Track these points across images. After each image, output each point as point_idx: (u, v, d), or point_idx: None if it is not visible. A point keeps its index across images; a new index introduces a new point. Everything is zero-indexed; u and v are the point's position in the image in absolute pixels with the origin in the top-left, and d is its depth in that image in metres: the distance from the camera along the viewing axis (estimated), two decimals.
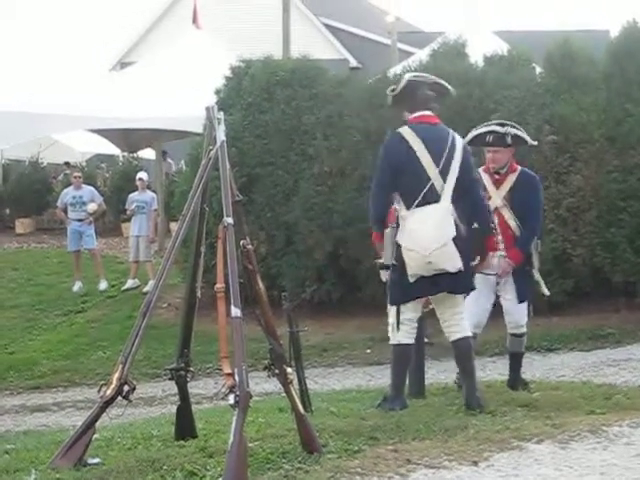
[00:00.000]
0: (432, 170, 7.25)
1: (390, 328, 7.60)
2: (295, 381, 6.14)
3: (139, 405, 11.11)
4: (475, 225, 7.53)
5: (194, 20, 24.48)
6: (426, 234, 7.16)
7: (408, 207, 7.25)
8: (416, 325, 7.58)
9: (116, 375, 5.68)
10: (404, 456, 5.73)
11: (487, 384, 8.87)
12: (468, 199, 7.43)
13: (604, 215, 14.29)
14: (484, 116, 14.49)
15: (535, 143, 8.94)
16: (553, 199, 13.89)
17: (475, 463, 5.66)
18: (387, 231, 7.38)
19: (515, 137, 8.44)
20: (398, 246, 7.30)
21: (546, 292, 8.74)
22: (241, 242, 5.63)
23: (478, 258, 7.70)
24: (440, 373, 11.69)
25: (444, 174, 7.27)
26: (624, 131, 14.41)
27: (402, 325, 7.46)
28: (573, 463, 5.66)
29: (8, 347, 15.69)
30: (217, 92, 16.44)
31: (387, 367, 12.87)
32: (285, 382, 5.74)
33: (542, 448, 6.02)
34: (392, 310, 7.53)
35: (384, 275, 13.75)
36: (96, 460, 5.64)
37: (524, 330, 8.73)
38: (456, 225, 7.27)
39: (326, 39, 36.26)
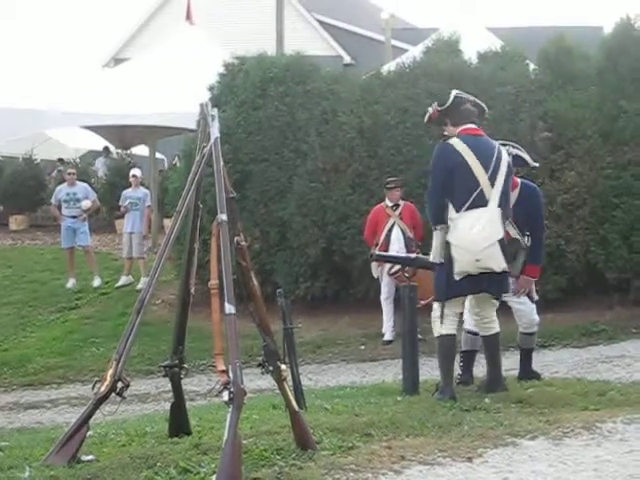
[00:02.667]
0: (482, 177, 7.76)
1: (433, 321, 8.02)
2: (289, 378, 6.14)
3: (133, 402, 11.10)
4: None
5: (188, 16, 24.44)
6: (477, 233, 7.64)
7: (458, 210, 7.72)
8: (457, 318, 8.10)
9: (110, 372, 5.68)
10: (398, 452, 5.73)
11: (482, 380, 8.88)
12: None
13: (598, 211, 14.29)
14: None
15: (536, 165, 9.33)
16: (547, 195, 13.82)
17: (469, 459, 5.67)
18: (437, 231, 7.85)
19: (516, 157, 8.51)
20: (447, 245, 7.74)
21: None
22: (235, 239, 5.63)
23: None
24: (434, 370, 11.65)
25: (492, 181, 7.78)
26: (618, 127, 14.41)
27: (445, 318, 7.89)
28: (567, 459, 5.67)
29: (2, 344, 15.66)
30: (211, 89, 16.44)
31: (381, 363, 13.05)
32: (279, 379, 5.74)
33: (536, 444, 6.03)
34: (437, 305, 7.97)
35: (375, 271, 13.84)
36: (90, 457, 5.63)
37: (537, 328, 9.10)
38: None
39: (320, 36, 36.21)
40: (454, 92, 8.29)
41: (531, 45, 16.10)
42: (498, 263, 7.71)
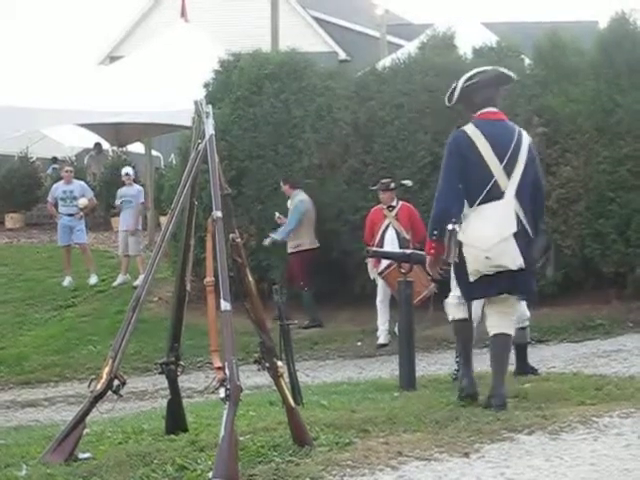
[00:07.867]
0: (496, 167, 7.07)
1: (447, 305, 7.54)
2: (286, 374, 6.14)
3: (130, 399, 11.08)
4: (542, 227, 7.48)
5: (182, 13, 24.40)
6: (486, 230, 6.98)
7: (471, 204, 7.09)
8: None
9: (106, 369, 5.68)
10: (395, 448, 5.73)
11: (477, 375, 8.88)
12: (534, 198, 7.32)
13: (594, 206, 14.29)
14: None
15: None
16: None
17: (466, 454, 5.67)
18: (449, 229, 7.02)
19: None
20: (460, 244, 7.05)
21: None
22: (230, 235, 5.63)
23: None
24: (431, 365, 11.71)
25: (508, 171, 7.09)
26: (613, 122, 14.41)
27: (459, 305, 7.41)
28: (563, 454, 5.67)
29: None
30: (206, 86, 16.44)
31: (378, 359, 13.05)
32: (276, 375, 5.74)
33: (533, 439, 6.04)
34: (455, 292, 7.39)
35: (371, 272, 13.73)
36: (87, 455, 5.64)
37: (528, 323, 9.07)
38: (520, 223, 7.13)
39: (315, 32, 36.20)
40: (460, 82, 7.33)
41: (526, 40, 16.10)
42: (513, 259, 7.00)
